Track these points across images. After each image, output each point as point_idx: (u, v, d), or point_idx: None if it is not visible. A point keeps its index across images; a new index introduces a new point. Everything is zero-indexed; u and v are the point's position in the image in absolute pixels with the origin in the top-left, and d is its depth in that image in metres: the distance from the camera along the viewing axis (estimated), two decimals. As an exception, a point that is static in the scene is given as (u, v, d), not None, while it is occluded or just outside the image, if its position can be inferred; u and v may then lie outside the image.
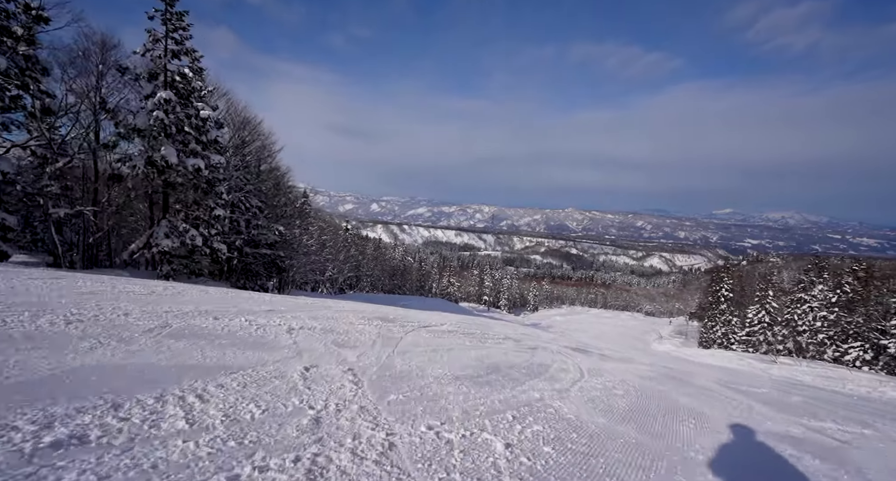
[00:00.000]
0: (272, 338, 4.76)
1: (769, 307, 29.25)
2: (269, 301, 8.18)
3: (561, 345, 11.22)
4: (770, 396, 7.72)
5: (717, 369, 18.83)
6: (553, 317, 66.71)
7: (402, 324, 7.65)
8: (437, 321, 9.43)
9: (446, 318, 11.42)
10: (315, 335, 5.26)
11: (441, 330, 8.06)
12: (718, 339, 34.29)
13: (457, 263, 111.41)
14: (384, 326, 7.02)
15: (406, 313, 10.48)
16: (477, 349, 6.52)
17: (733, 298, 35.55)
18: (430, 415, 3.18)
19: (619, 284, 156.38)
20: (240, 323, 5.26)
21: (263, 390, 3.17)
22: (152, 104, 10.16)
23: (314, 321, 6.30)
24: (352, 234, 39.78)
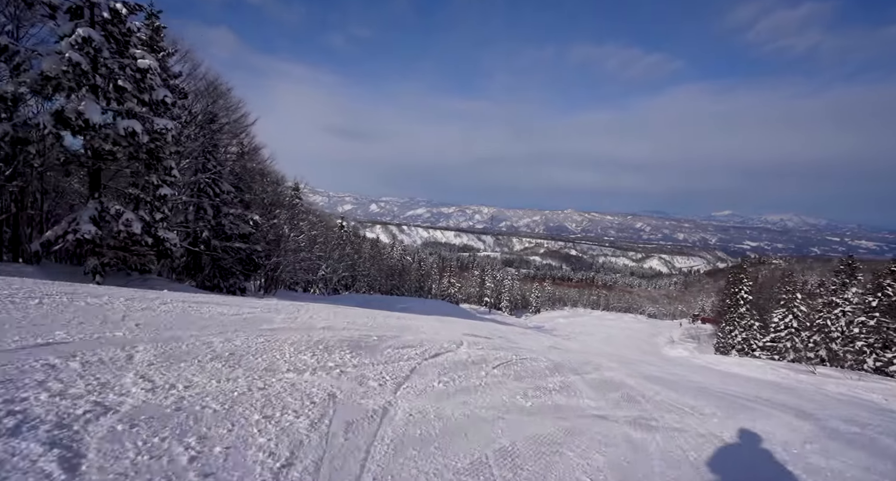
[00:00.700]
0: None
1: (797, 311, 27.04)
2: (190, 313, 5.42)
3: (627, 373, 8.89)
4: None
5: (758, 383, 16.64)
6: (556, 319, 64.49)
7: (388, 361, 4.30)
8: (448, 339, 6.46)
9: (455, 330, 9.05)
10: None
11: (461, 360, 4.96)
12: (738, 345, 32.07)
13: (456, 264, 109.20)
14: (347, 375, 3.58)
15: (401, 324, 7.94)
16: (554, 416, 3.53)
17: (753, 301, 33.35)
18: None
19: (621, 286, 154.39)
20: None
21: None
22: (67, 44, 7.90)
23: (196, 369, 3.10)
24: (347, 232, 37.51)
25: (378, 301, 24.53)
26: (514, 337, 10.20)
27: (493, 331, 12.40)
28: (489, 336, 10.01)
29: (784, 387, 15.54)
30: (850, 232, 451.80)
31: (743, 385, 13.40)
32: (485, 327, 14.45)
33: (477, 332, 10.93)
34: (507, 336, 11.65)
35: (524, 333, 17.46)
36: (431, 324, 10.72)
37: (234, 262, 13.54)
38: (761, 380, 17.82)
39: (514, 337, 10.12)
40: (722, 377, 16.10)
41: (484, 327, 13.92)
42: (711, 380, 13.65)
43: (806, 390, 14.95)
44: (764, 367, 21.97)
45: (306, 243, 24.90)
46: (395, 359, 4.48)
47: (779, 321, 27.76)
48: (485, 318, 42.75)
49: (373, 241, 46.58)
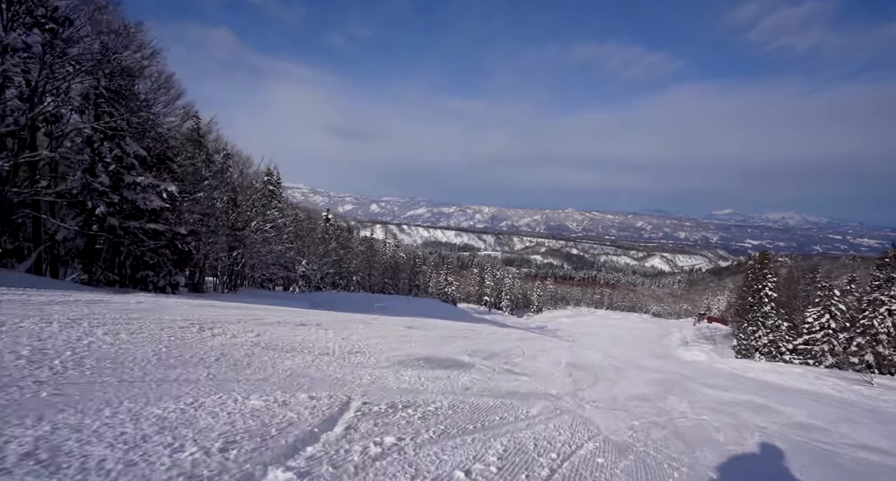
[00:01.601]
0: None
1: (835, 310, 24.06)
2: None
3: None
4: None
5: (814, 398, 13.67)
6: (559, 318, 61.54)
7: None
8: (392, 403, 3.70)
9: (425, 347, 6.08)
10: None
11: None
12: (763, 348, 29.06)
13: (456, 263, 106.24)
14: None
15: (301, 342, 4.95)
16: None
17: (778, 299, 30.34)
18: None
19: (624, 284, 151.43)
20: None
21: None
22: None
23: None
24: (333, 227, 34.55)
25: (347, 301, 21.44)
26: (518, 352, 7.18)
27: (487, 342, 9.31)
28: (480, 355, 6.94)
29: (851, 404, 12.58)
30: (852, 230, 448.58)
31: (798, 402, 10.45)
32: (479, 334, 11.34)
33: (466, 347, 7.83)
34: (509, 351, 8.52)
35: (528, 339, 14.35)
36: (384, 333, 7.67)
37: (152, 250, 10.42)
38: (814, 394, 14.88)
39: (516, 354, 7.10)
40: (762, 389, 13.11)
41: (479, 335, 10.82)
42: (754, 394, 10.79)
43: (888, 411, 11.99)
44: (806, 376, 19.01)
45: (280, 236, 21.93)
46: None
47: (813, 321, 24.77)
48: (483, 319, 39.78)
49: (364, 238, 43.67)
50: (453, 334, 11.34)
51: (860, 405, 12.53)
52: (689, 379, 12.69)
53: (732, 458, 4.25)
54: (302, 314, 10.13)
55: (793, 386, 16.37)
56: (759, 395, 10.27)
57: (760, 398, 9.68)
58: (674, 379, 11.49)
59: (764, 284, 30.27)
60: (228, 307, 9.19)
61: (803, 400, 12.28)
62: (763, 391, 12.00)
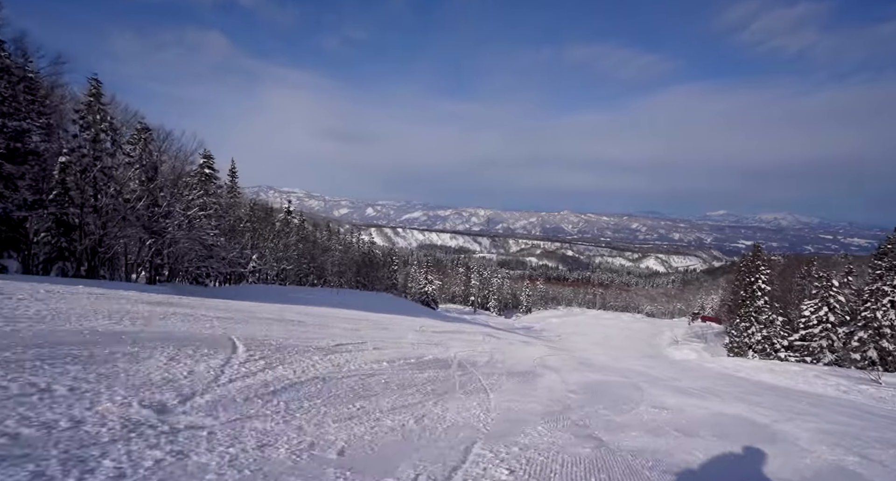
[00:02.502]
0: None
1: (834, 302, 21.96)
2: None
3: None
4: None
5: (819, 401, 11.44)
6: (548, 318, 59.30)
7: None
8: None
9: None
10: None
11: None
12: (756, 345, 26.93)
13: (450, 263, 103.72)
14: None
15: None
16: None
17: (773, 293, 28.25)
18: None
19: (618, 284, 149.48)
20: None
21: None
22: None
23: None
24: (298, 223, 32.13)
25: (257, 292, 18.72)
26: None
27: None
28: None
29: (863, 409, 10.33)
30: (843, 230, 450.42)
31: (803, 410, 8.14)
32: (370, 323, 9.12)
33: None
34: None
35: (459, 334, 12.02)
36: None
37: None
38: (819, 396, 12.65)
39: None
40: (754, 393, 10.91)
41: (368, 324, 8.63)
42: (743, 403, 8.35)
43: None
44: (804, 374, 16.82)
45: (219, 225, 19.58)
46: None
47: (810, 315, 22.66)
48: (462, 319, 37.48)
49: (332, 234, 41.24)
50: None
51: (861, 405, 10.35)
52: (657, 381, 10.43)
53: None
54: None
55: (784, 386, 14.20)
56: (751, 405, 7.99)
57: (754, 411, 7.22)
58: (625, 382, 9.18)
59: (757, 277, 28.19)
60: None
61: (790, 398, 10.02)
62: (756, 396, 9.78)
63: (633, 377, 10.56)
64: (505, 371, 8.10)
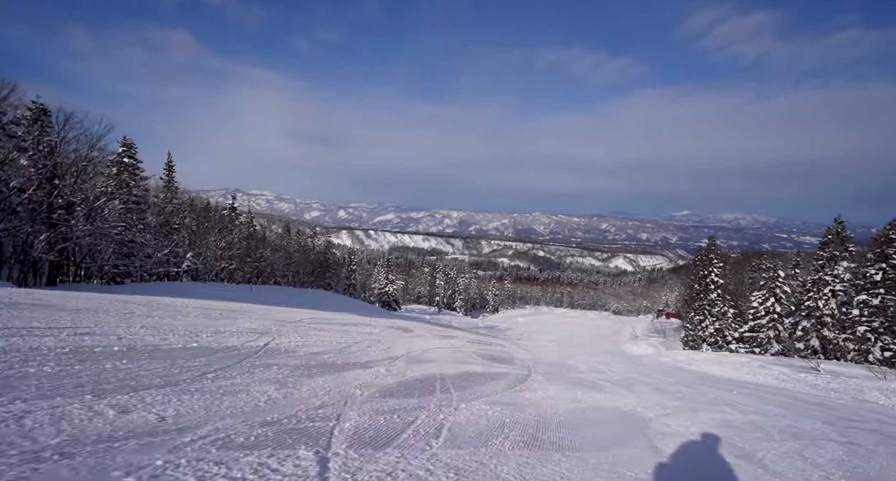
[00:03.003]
0: None
1: (780, 292, 22.27)
2: None
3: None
4: None
5: (755, 390, 11.07)
6: (514, 317, 59.05)
7: None
8: None
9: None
10: None
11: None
12: (709, 338, 27.18)
13: (419, 263, 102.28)
14: None
15: None
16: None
17: (725, 286, 28.67)
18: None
19: (587, 283, 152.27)
20: None
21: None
22: None
23: None
24: (242, 218, 30.13)
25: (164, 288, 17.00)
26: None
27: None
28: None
29: (794, 397, 9.94)
30: (797, 229, 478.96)
31: (722, 400, 7.54)
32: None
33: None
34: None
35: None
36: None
37: None
38: (756, 385, 12.35)
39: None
40: (690, 382, 10.40)
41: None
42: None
43: (842, 405, 9.39)
44: (750, 365, 16.70)
45: (142, 221, 17.71)
46: None
47: (758, 306, 22.92)
48: (423, 319, 36.33)
49: (289, 234, 39.29)
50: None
51: (796, 394, 9.98)
52: (560, 375, 9.69)
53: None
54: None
55: (728, 377, 13.92)
56: (661, 396, 7.26)
57: (649, 404, 6.38)
58: (512, 374, 8.32)
59: (710, 270, 28.52)
60: None
61: (727, 389, 9.54)
62: (686, 387, 9.21)
63: (539, 369, 9.59)
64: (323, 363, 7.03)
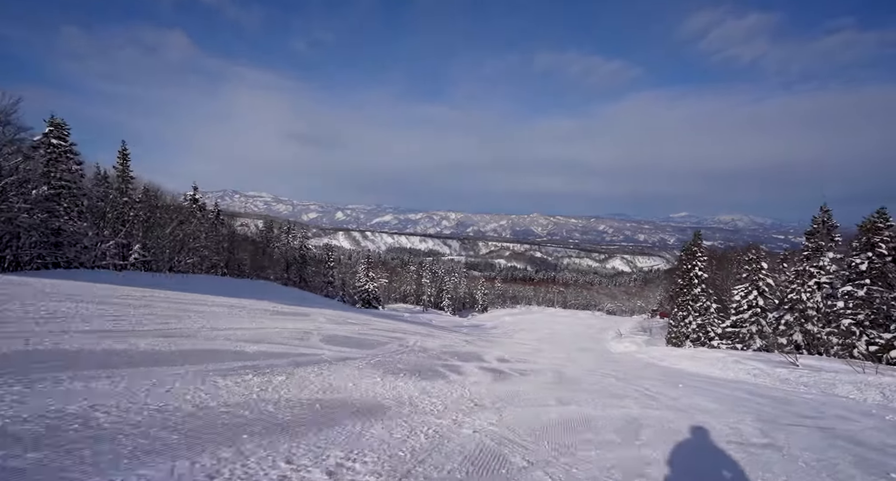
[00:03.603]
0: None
1: (763, 285, 21.07)
2: None
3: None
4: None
5: (717, 387, 9.81)
6: (503, 317, 57.82)
7: None
8: None
9: None
10: None
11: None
12: (693, 334, 25.98)
13: (410, 264, 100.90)
14: None
15: None
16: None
17: (710, 281, 27.50)
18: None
19: (582, 283, 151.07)
20: None
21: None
22: None
23: None
24: (206, 215, 28.77)
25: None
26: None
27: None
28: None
29: (753, 392, 8.68)
30: (793, 229, 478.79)
31: (671, 391, 6.34)
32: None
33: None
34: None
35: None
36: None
37: None
38: (721, 381, 11.09)
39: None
40: (655, 378, 9.18)
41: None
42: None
43: (805, 400, 8.16)
44: (725, 360, 15.48)
45: (73, 206, 16.42)
46: None
47: (741, 300, 21.71)
48: (402, 318, 35.03)
49: (265, 229, 37.97)
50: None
51: (765, 393, 8.73)
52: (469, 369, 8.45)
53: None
54: None
55: (700, 373, 12.70)
56: (566, 392, 6.10)
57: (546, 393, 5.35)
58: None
59: (693, 264, 27.35)
60: None
61: (691, 386, 8.31)
62: (638, 381, 8.02)
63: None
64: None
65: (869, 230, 17.20)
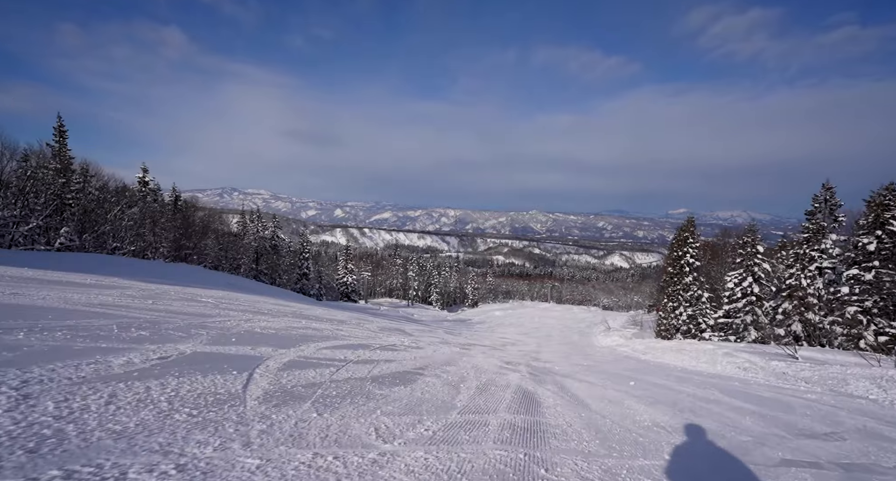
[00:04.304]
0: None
1: (759, 270, 19.04)
2: None
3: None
4: None
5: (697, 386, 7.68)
6: (492, 311, 55.90)
7: None
8: None
9: None
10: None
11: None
12: (683, 325, 23.99)
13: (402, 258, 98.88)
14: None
15: None
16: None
17: (705, 269, 25.50)
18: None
19: (578, 279, 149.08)
20: None
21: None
22: None
23: None
24: (154, 193, 26.62)
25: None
26: None
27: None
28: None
29: (728, 389, 6.56)
30: (791, 226, 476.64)
31: (639, 392, 4.28)
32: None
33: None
34: None
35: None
36: None
37: None
38: (702, 375, 8.98)
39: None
40: (628, 376, 7.19)
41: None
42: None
43: (807, 403, 6.11)
44: (713, 353, 13.48)
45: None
46: None
47: (734, 287, 19.67)
48: (375, 313, 33.03)
49: (211, 212, 35.84)
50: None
51: (755, 393, 6.75)
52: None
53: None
54: None
55: (684, 367, 10.74)
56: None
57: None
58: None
59: (685, 251, 25.32)
60: None
61: (670, 383, 6.37)
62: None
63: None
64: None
65: (878, 206, 15.16)
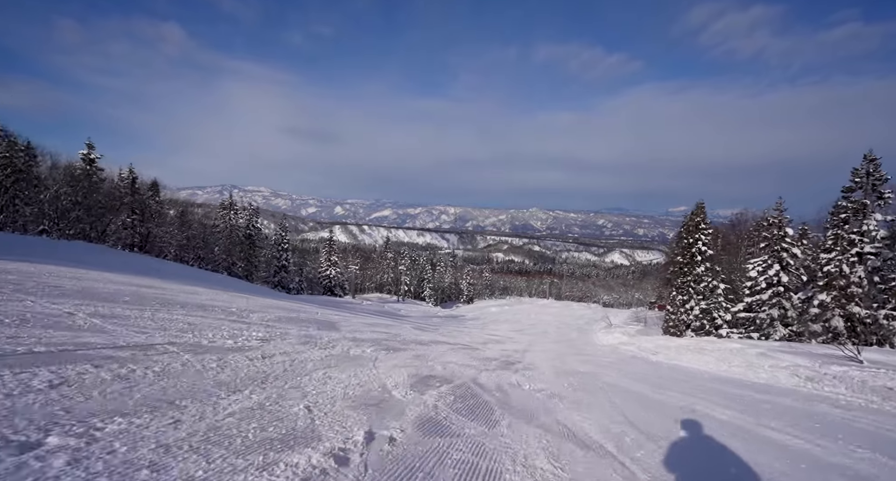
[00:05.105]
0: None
1: (787, 256, 16.32)
2: None
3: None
4: None
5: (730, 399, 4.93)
6: (488, 307, 53.31)
7: None
8: None
9: None
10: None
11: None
12: (695, 321, 21.28)
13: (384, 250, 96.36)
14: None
15: None
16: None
17: (715, 258, 22.78)
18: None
19: (578, 275, 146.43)
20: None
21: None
22: None
23: None
24: (99, 173, 23.76)
25: None
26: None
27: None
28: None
29: (839, 424, 3.89)
30: (795, 224, 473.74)
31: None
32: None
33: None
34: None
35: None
36: None
37: None
38: (739, 385, 6.24)
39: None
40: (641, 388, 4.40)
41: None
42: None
43: None
44: (743, 353, 10.78)
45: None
46: None
47: (757, 277, 16.97)
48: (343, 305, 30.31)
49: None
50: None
51: (858, 425, 4.11)
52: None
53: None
54: None
55: (714, 373, 8.14)
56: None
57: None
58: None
59: (697, 238, 22.58)
60: None
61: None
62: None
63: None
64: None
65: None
